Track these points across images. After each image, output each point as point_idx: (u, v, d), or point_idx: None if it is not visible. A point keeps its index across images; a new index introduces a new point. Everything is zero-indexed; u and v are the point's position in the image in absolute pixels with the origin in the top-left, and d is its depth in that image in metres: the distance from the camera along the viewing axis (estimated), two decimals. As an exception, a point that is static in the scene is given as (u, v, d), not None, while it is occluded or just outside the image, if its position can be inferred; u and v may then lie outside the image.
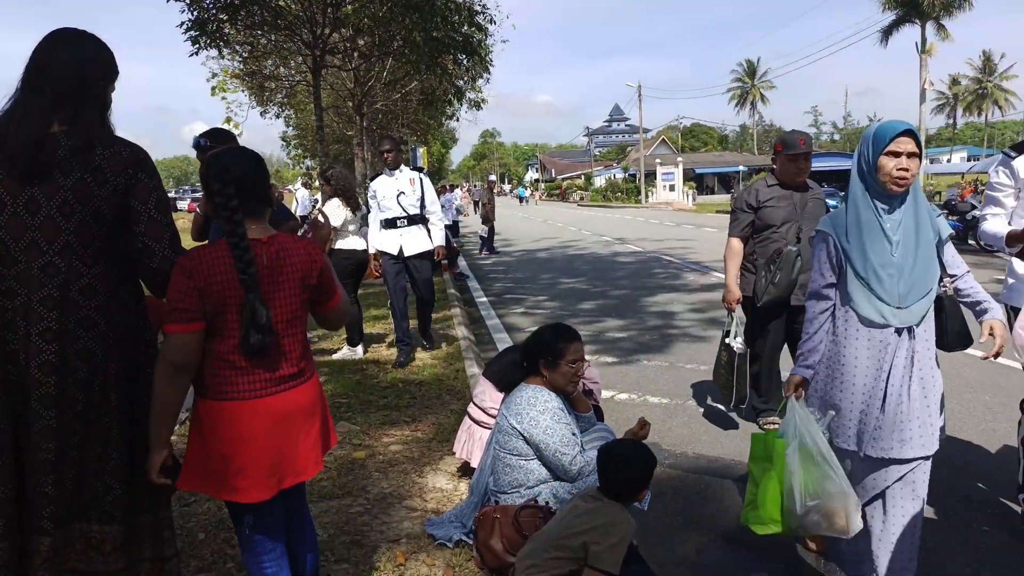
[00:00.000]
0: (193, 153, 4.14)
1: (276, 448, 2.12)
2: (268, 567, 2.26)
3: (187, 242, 2.47)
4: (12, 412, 1.98)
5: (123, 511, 2.13)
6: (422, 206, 6.46)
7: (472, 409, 3.90)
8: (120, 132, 2.19)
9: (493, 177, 25.27)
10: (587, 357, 3.31)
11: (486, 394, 3.83)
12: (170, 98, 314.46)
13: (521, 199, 61.60)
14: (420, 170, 6.66)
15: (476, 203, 43.67)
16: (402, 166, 6.44)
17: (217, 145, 3.94)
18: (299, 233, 2.62)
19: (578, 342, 3.17)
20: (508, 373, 3.63)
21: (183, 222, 23.63)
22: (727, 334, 4.52)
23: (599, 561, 2.45)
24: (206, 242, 3.83)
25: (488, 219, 18.10)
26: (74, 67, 2.05)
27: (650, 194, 49.90)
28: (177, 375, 2.06)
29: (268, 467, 2.11)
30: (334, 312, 2.33)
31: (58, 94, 2.01)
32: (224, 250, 2.05)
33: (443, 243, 6.59)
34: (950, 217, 14.71)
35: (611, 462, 2.61)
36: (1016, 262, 3.46)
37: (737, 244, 4.53)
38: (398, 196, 6.32)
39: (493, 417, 3.70)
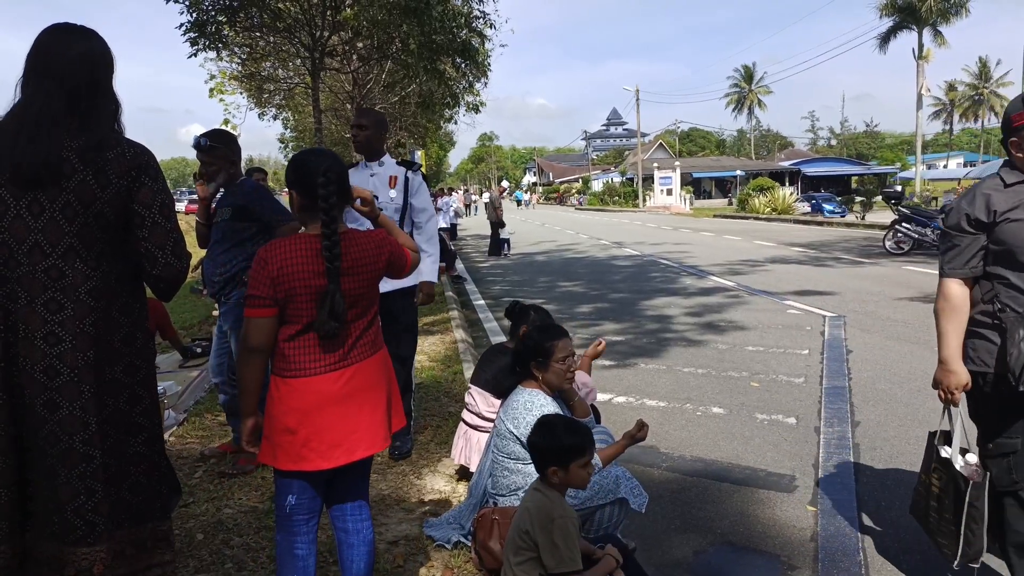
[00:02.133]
0: (191, 154, 4.13)
1: (341, 421, 2.25)
2: (299, 548, 2.33)
3: (191, 246, 2.48)
4: (14, 416, 1.95)
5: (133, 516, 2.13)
6: (404, 217, 4.27)
7: (466, 415, 3.91)
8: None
9: (505, 183, 25.82)
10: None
11: (477, 401, 3.84)
12: (164, 99, 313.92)
13: (519, 202, 61.71)
14: (410, 165, 4.42)
15: (468, 206, 44.25)
16: (386, 157, 4.34)
17: (219, 145, 3.99)
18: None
19: (565, 339, 3.15)
20: (502, 379, 3.65)
21: (183, 224, 23.59)
22: (939, 437, 2.83)
23: (558, 567, 2.36)
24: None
25: (501, 223, 18.51)
26: (86, 65, 2.02)
27: (647, 198, 49.95)
28: (251, 355, 2.22)
29: (332, 439, 2.24)
30: (411, 271, 2.54)
31: (72, 95, 1.99)
32: (301, 242, 2.23)
33: (433, 278, 4.31)
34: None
35: (536, 430, 2.53)
36: None
37: (958, 291, 2.66)
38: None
39: (488, 421, 3.71)
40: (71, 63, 1.99)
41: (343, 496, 2.45)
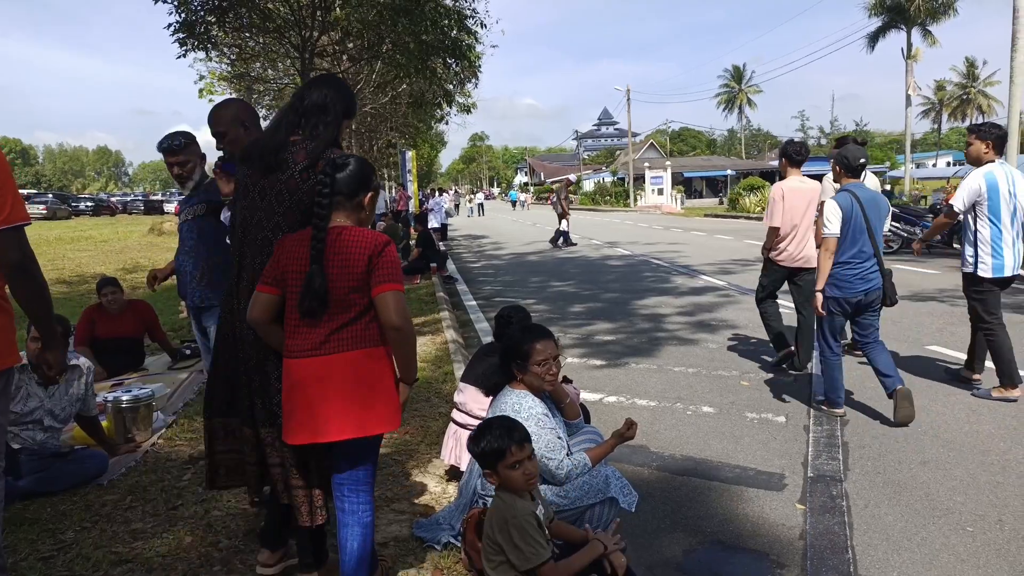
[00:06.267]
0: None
1: (311, 404, 2.44)
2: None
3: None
4: (237, 355, 2.65)
5: None
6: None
7: (456, 414, 3.90)
8: (103, 134, 2.27)
9: (573, 177, 26.88)
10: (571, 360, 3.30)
11: (467, 399, 3.83)
12: (151, 101, 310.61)
13: (514, 203, 61.51)
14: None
15: (457, 205, 44.48)
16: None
17: (190, 141, 4.06)
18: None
19: (545, 340, 3.08)
20: (491, 375, 3.64)
21: (170, 224, 23.47)
22: None
23: (527, 564, 2.40)
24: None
25: (565, 215, 19.47)
26: (322, 99, 2.68)
27: (639, 198, 50.04)
28: (254, 326, 2.55)
29: (303, 418, 2.46)
30: (384, 301, 2.44)
31: (304, 115, 2.68)
32: (304, 235, 2.49)
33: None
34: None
35: (471, 435, 2.61)
36: None
37: None
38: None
39: (478, 419, 3.70)
40: (311, 98, 2.69)
41: (340, 478, 2.60)
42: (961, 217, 5.40)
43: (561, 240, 19.67)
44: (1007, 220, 5.15)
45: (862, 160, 4.99)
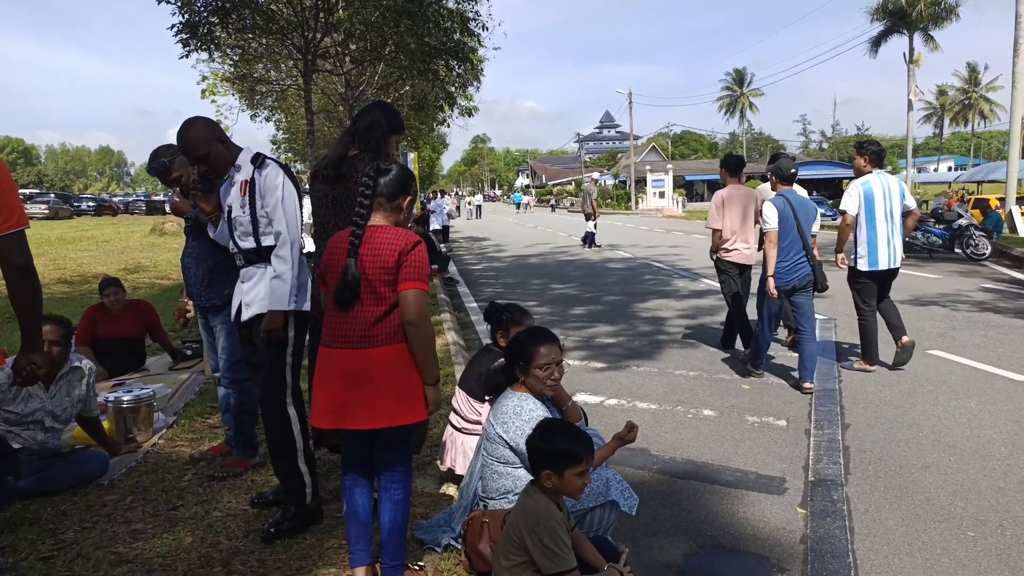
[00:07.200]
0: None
1: (337, 392, 2.64)
2: (346, 486, 2.84)
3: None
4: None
5: None
6: (256, 231, 3.33)
7: (453, 418, 3.91)
8: (105, 134, 2.26)
9: (598, 175, 27.24)
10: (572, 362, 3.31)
11: (462, 405, 3.84)
12: (152, 102, 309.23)
13: (518, 205, 61.37)
14: (259, 161, 3.38)
15: (458, 207, 44.70)
16: (241, 155, 3.42)
17: (175, 156, 4.01)
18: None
19: (549, 344, 3.09)
20: (487, 380, 3.64)
21: (171, 225, 23.48)
22: None
23: (553, 568, 2.40)
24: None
25: (592, 216, 19.70)
26: (370, 121, 3.39)
27: (640, 201, 50.06)
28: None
29: (327, 404, 2.67)
30: (405, 298, 2.63)
31: (357, 134, 3.42)
32: (346, 231, 2.74)
33: (280, 306, 3.23)
34: (936, 226, 14.84)
35: (537, 431, 2.59)
36: None
37: None
38: (231, 219, 3.42)
39: (474, 424, 3.71)
40: (364, 120, 3.42)
41: (378, 462, 2.83)
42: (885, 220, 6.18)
43: (590, 240, 19.79)
44: (881, 222, 6.12)
45: (793, 170, 6.04)
